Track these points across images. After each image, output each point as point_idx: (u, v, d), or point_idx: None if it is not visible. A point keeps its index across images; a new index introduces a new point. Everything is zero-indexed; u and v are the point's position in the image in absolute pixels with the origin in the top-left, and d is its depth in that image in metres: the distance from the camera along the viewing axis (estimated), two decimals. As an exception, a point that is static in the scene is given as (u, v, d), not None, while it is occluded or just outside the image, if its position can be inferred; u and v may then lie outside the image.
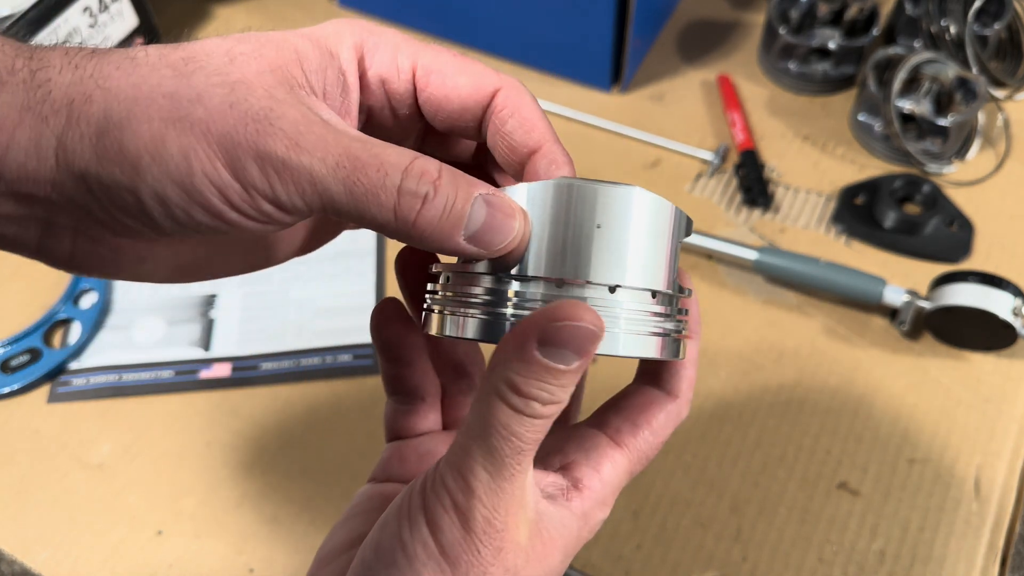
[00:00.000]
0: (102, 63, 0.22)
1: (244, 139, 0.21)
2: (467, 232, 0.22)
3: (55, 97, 0.21)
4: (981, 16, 0.66)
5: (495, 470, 0.22)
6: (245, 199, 0.22)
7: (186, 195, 0.21)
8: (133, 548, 0.48)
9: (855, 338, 0.55)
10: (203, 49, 0.23)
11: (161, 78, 0.22)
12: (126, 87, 0.21)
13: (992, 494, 0.49)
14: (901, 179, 0.61)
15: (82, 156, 0.21)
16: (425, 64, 0.26)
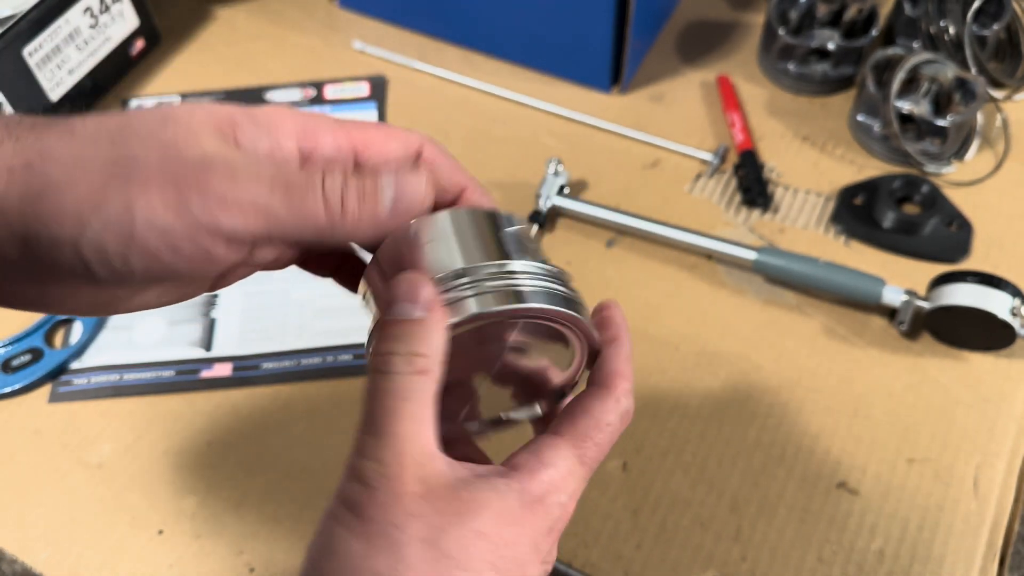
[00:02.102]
0: (43, 135, 0.24)
1: (184, 182, 0.23)
2: (385, 207, 0.26)
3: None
4: (980, 17, 0.66)
5: (375, 429, 0.24)
6: (187, 237, 0.24)
7: (125, 244, 0.23)
8: (134, 547, 0.48)
9: (854, 338, 0.55)
10: (138, 116, 0.25)
11: (99, 148, 0.24)
12: (66, 156, 0.23)
13: (991, 493, 0.49)
14: (900, 179, 0.61)
15: (20, 215, 0.23)
16: (359, 138, 0.28)
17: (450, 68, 0.71)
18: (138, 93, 0.71)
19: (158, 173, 0.23)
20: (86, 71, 0.67)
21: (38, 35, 0.62)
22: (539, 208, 0.60)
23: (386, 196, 0.26)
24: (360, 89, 0.70)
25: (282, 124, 0.27)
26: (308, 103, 0.69)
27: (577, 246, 0.60)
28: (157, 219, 0.23)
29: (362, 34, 0.74)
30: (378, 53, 0.72)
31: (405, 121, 0.68)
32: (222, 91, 0.70)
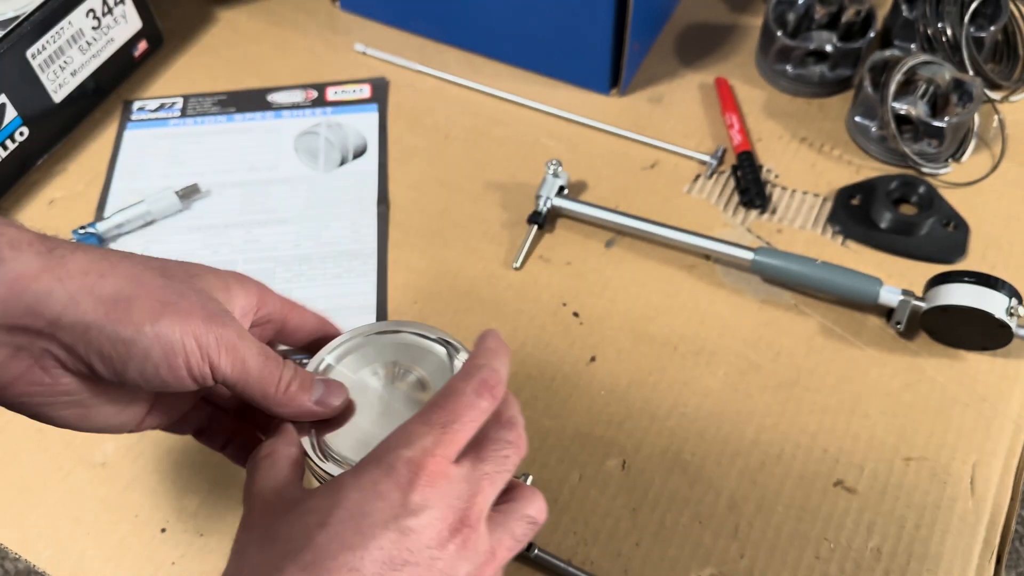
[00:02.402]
0: (106, 252, 0.32)
1: (211, 327, 0.31)
2: (314, 397, 0.35)
3: (71, 269, 0.29)
4: (977, 18, 0.66)
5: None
6: (197, 364, 0.31)
7: (164, 354, 0.30)
8: (136, 545, 0.48)
9: (851, 337, 0.56)
10: (170, 263, 0.34)
11: (152, 275, 0.32)
12: (129, 273, 0.31)
13: (988, 492, 0.49)
14: (897, 180, 0.61)
15: (94, 312, 0.29)
16: (289, 311, 0.39)
17: (451, 70, 0.71)
18: (141, 95, 0.71)
19: (197, 312, 0.31)
20: (89, 72, 0.68)
21: (42, 37, 0.62)
22: (539, 209, 0.60)
23: (316, 392, 0.35)
24: (361, 91, 0.71)
25: (253, 294, 0.37)
26: (310, 105, 0.70)
27: (576, 246, 0.61)
28: (188, 343, 0.30)
29: (363, 36, 0.74)
30: (379, 55, 0.73)
31: (406, 123, 0.68)
32: (224, 93, 0.71)
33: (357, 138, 0.68)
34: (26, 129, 0.64)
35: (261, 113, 0.69)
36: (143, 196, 0.62)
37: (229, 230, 0.62)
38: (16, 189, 0.65)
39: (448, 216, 0.63)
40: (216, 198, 0.64)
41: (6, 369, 0.29)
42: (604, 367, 0.55)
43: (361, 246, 0.61)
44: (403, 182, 0.65)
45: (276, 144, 0.68)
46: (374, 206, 0.63)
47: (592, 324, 0.56)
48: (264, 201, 0.64)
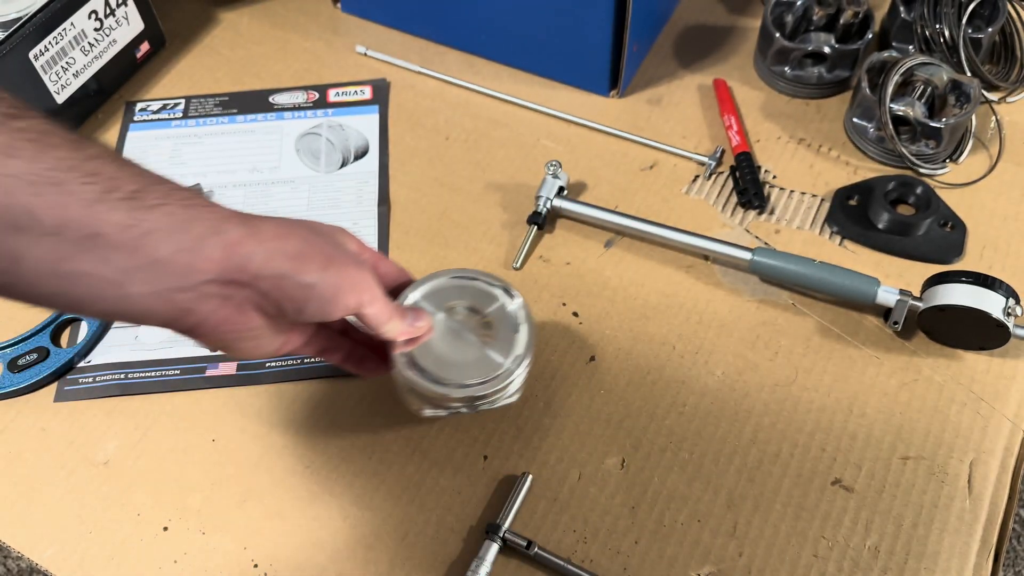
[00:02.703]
0: (282, 220, 0.39)
1: (360, 273, 0.41)
2: (408, 320, 0.44)
3: (265, 235, 0.36)
4: (974, 20, 0.67)
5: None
6: (354, 300, 0.40)
7: (333, 294, 0.38)
8: (139, 544, 0.49)
9: (849, 337, 0.56)
10: (317, 225, 0.42)
11: (314, 235, 0.40)
12: (301, 235, 0.38)
13: (985, 491, 0.50)
14: (895, 181, 0.61)
15: (284, 264, 0.36)
16: (375, 256, 0.47)
17: (451, 72, 0.72)
18: (143, 96, 0.72)
19: (349, 260, 0.40)
20: (91, 74, 0.68)
21: (44, 38, 0.63)
22: (538, 209, 0.61)
23: (409, 316, 0.45)
24: (363, 93, 0.71)
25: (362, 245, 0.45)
26: (311, 106, 0.70)
27: (576, 247, 0.61)
28: (346, 284, 0.39)
29: (365, 38, 0.75)
30: (380, 57, 0.73)
31: (407, 124, 0.69)
32: (226, 94, 0.71)
33: (358, 139, 0.68)
34: (29, 130, 0.64)
35: (263, 114, 0.70)
36: (145, 197, 0.62)
37: (231, 231, 0.63)
38: (19, 190, 0.65)
39: (448, 217, 0.63)
40: (218, 199, 0.64)
41: (215, 313, 0.35)
42: (603, 366, 0.55)
43: (362, 246, 0.61)
44: (404, 183, 0.65)
45: (278, 145, 0.68)
46: (375, 207, 0.64)
47: (591, 324, 0.57)
48: (266, 202, 0.64)
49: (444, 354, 0.46)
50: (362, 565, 0.48)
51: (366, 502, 0.50)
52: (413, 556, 0.48)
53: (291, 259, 0.36)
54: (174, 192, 0.33)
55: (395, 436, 0.52)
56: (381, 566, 0.48)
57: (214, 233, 0.34)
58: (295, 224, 0.39)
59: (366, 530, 0.49)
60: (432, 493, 0.50)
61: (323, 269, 0.38)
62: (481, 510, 0.49)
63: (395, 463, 0.51)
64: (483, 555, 0.47)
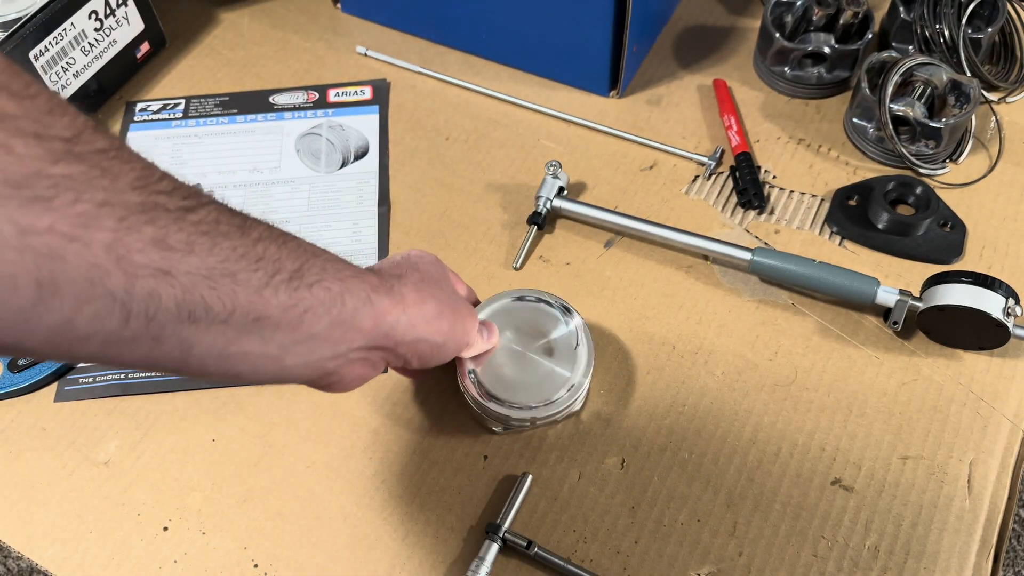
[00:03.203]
0: (420, 282, 0.42)
1: (473, 322, 0.46)
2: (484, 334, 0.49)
3: (408, 301, 0.40)
4: (974, 20, 0.67)
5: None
6: (467, 346, 0.46)
7: (457, 347, 0.44)
8: (139, 543, 0.49)
9: (848, 337, 0.56)
10: (441, 278, 0.45)
11: (443, 292, 0.43)
12: (435, 296, 0.42)
13: (985, 491, 0.50)
14: (894, 181, 0.61)
15: (423, 329, 0.40)
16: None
17: (451, 72, 0.72)
18: (143, 96, 0.72)
19: (466, 312, 0.45)
20: (92, 74, 0.68)
21: (44, 38, 0.63)
22: (538, 209, 0.61)
23: (484, 330, 0.49)
24: (363, 93, 0.71)
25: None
26: (311, 106, 0.70)
27: (576, 247, 0.61)
28: (467, 338, 0.45)
29: (365, 39, 0.75)
30: (381, 57, 0.73)
31: (407, 125, 0.69)
32: (226, 94, 0.71)
33: (358, 139, 0.68)
34: (29, 130, 0.64)
35: (263, 115, 0.70)
36: (145, 197, 0.62)
37: (231, 231, 0.63)
38: (19, 190, 0.65)
39: (448, 217, 0.63)
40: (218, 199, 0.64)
41: (354, 371, 0.38)
42: (603, 366, 0.55)
43: (362, 247, 0.61)
44: (404, 183, 0.65)
45: (278, 145, 0.68)
46: (375, 207, 0.64)
47: (592, 324, 0.57)
48: (266, 202, 0.64)
49: (510, 375, 0.49)
50: (362, 565, 0.48)
51: (366, 502, 0.50)
52: (413, 556, 0.48)
53: (428, 323, 0.40)
54: (329, 264, 0.36)
55: (395, 436, 0.52)
56: (381, 566, 0.48)
57: (365, 304, 0.36)
58: (429, 285, 0.42)
59: (366, 530, 0.49)
60: (432, 493, 0.50)
61: (451, 327, 0.42)
62: (481, 510, 0.49)
63: (395, 463, 0.51)
64: (483, 555, 0.47)
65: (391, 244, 0.61)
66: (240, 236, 0.31)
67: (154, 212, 0.28)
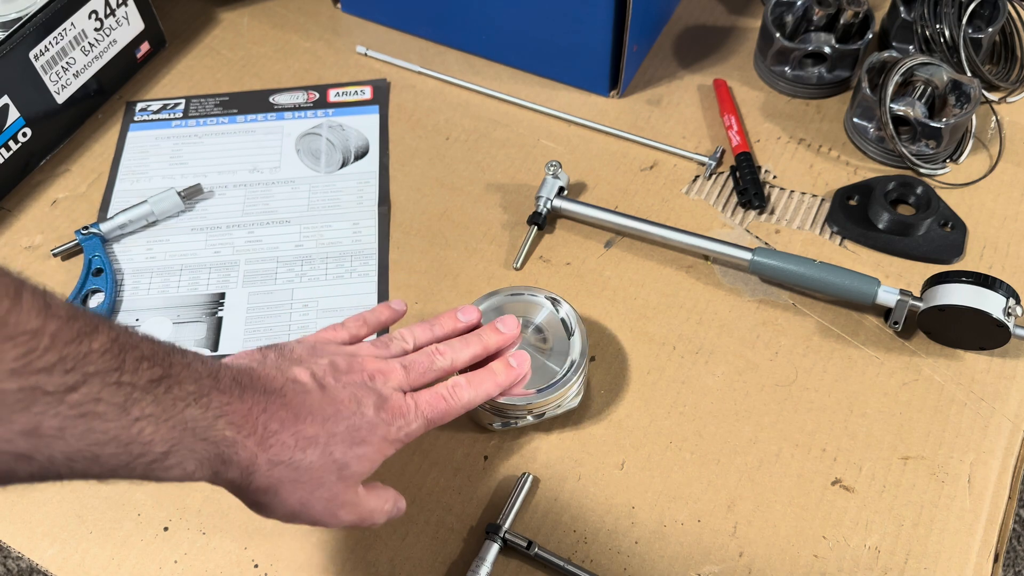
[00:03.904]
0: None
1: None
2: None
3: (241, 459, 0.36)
4: (974, 20, 0.67)
5: None
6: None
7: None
8: (140, 544, 0.49)
9: (849, 337, 0.56)
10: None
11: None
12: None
13: (985, 491, 0.50)
14: (895, 181, 0.61)
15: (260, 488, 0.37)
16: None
17: (452, 72, 0.72)
18: (143, 96, 0.72)
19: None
20: (92, 74, 0.68)
21: (44, 38, 0.63)
22: (539, 210, 0.61)
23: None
24: (363, 93, 0.71)
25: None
26: (311, 106, 0.70)
27: (576, 247, 0.61)
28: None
29: (365, 39, 0.75)
30: (381, 57, 0.73)
31: (407, 124, 0.69)
32: (226, 94, 0.71)
33: (358, 139, 0.68)
34: (29, 130, 0.64)
35: (263, 114, 0.70)
36: (146, 197, 0.63)
37: (231, 230, 0.63)
38: (19, 190, 0.65)
39: (449, 217, 0.63)
40: (218, 199, 0.65)
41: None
42: (603, 366, 0.55)
43: (362, 246, 0.61)
44: (404, 183, 0.65)
45: (278, 145, 0.68)
46: (375, 207, 0.64)
47: (591, 324, 0.57)
48: (266, 202, 0.64)
49: None
50: (362, 565, 0.48)
51: (366, 502, 0.50)
52: (413, 556, 0.48)
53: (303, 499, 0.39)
54: (198, 445, 0.33)
55: (395, 436, 0.52)
56: (381, 566, 0.48)
57: (225, 484, 0.36)
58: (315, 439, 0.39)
59: (366, 530, 0.49)
60: (432, 493, 0.50)
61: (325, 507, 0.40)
62: (481, 510, 0.49)
63: (395, 463, 0.51)
64: (483, 555, 0.47)
65: (391, 244, 0.61)
66: (118, 416, 0.30)
67: (31, 398, 0.27)
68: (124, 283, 0.60)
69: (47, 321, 0.27)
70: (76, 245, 0.61)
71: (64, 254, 0.61)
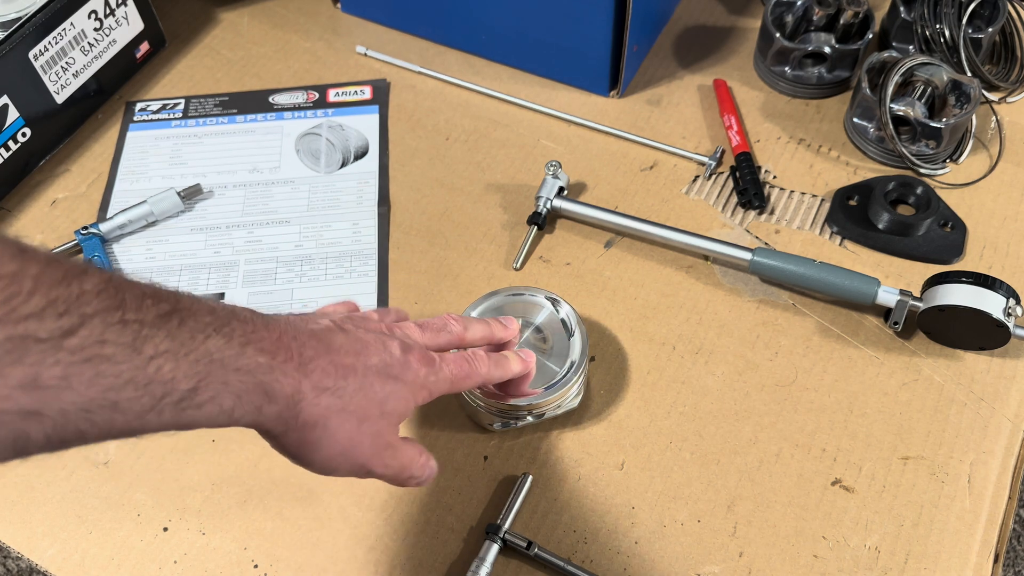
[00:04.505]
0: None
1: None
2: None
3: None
4: (974, 20, 0.67)
5: None
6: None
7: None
8: (139, 544, 0.49)
9: (849, 337, 0.56)
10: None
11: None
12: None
13: (985, 491, 0.50)
14: (895, 181, 0.61)
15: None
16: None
17: (451, 72, 0.72)
18: (143, 96, 0.72)
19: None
20: (91, 74, 0.68)
21: (44, 38, 0.63)
22: (539, 210, 0.61)
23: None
24: (363, 93, 0.71)
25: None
26: (311, 106, 0.70)
27: (576, 247, 0.61)
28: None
29: (365, 38, 0.75)
30: (381, 57, 0.73)
31: (407, 124, 0.69)
32: (226, 94, 0.71)
33: (358, 139, 0.68)
34: (28, 130, 0.64)
35: (263, 114, 0.70)
36: (145, 197, 0.62)
37: (231, 230, 0.63)
38: (19, 190, 0.65)
39: (448, 217, 0.63)
40: (218, 199, 0.65)
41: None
42: (603, 366, 0.55)
43: (362, 247, 0.61)
44: (404, 183, 0.65)
45: (278, 145, 0.68)
46: (375, 207, 0.64)
47: (591, 324, 0.57)
48: (266, 202, 0.64)
49: None
50: (362, 565, 0.48)
51: (366, 502, 0.50)
52: (413, 556, 0.48)
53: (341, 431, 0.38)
54: (232, 376, 0.31)
55: (395, 436, 0.52)
56: (381, 566, 0.48)
57: (256, 414, 0.33)
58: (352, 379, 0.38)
59: (366, 530, 0.49)
60: (432, 493, 0.50)
61: (372, 440, 0.39)
62: (481, 510, 0.49)
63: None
64: (483, 555, 0.47)
65: (391, 244, 0.61)
66: (129, 356, 0.27)
67: (23, 347, 0.24)
68: (124, 283, 0.60)
69: (25, 264, 0.25)
70: (76, 245, 0.61)
71: (64, 254, 0.61)
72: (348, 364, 0.36)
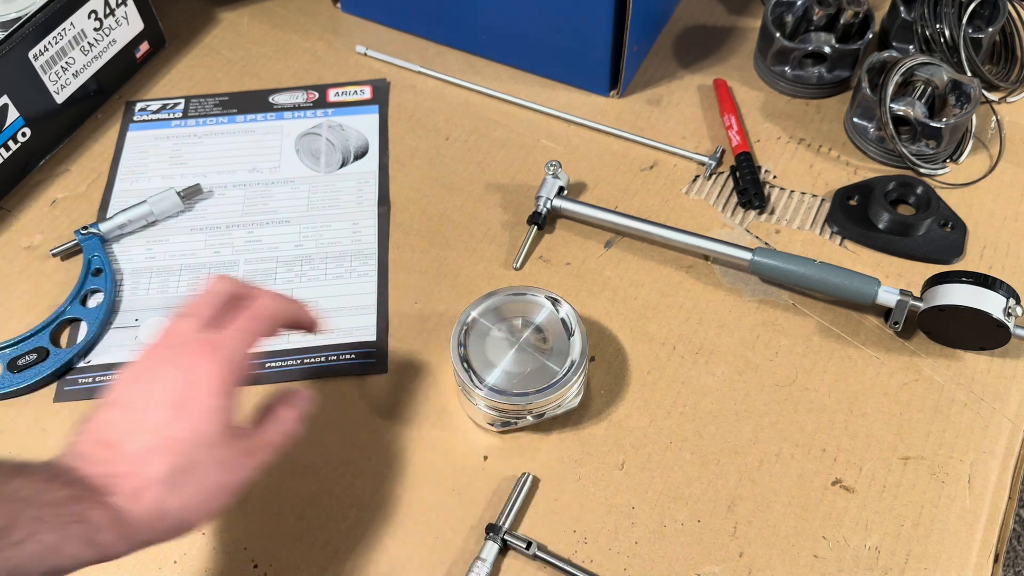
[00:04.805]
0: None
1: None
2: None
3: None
4: (974, 20, 0.67)
5: None
6: None
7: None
8: (139, 544, 0.49)
9: (849, 337, 0.56)
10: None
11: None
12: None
13: (985, 491, 0.50)
14: (895, 181, 0.61)
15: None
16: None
17: (451, 72, 0.72)
18: (143, 96, 0.72)
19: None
20: (91, 74, 0.68)
21: (44, 38, 0.62)
22: (539, 210, 0.61)
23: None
24: (363, 93, 0.71)
25: None
26: (311, 106, 0.70)
27: (576, 247, 0.61)
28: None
29: (365, 38, 0.75)
30: (380, 57, 0.73)
31: (407, 124, 0.69)
32: (226, 94, 0.71)
33: (358, 139, 0.68)
34: (28, 130, 0.64)
35: (263, 114, 0.70)
36: (145, 196, 0.62)
37: (231, 230, 0.63)
38: (19, 190, 0.65)
39: (448, 217, 0.63)
40: (218, 199, 0.65)
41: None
42: (603, 366, 0.55)
43: (362, 246, 0.61)
44: (404, 183, 0.65)
45: (278, 145, 0.68)
46: (375, 207, 0.64)
47: (591, 324, 0.57)
48: (266, 202, 0.64)
49: (506, 368, 0.49)
50: (362, 565, 0.48)
51: (366, 502, 0.50)
52: (413, 556, 0.48)
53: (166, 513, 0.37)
54: (47, 511, 0.32)
55: (395, 436, 0.52)
56: (381, 566, 0.48)
57: (86, 546, 0.34)
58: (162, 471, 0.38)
59: (366, 530, 0.49)
60: (432, 493, 0.50)
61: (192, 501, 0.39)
62: (481, 510, 0.49)
63: (395, 463, 0.51)
64: (483, 555, 0.47)
65: (391, 244, 0.61)
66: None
67: None
68: (123, 283, 0.60)
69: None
70: (75, 245, 0.61)
71: (63, 254, 0.61)
72: (141, 444, 0.37)
